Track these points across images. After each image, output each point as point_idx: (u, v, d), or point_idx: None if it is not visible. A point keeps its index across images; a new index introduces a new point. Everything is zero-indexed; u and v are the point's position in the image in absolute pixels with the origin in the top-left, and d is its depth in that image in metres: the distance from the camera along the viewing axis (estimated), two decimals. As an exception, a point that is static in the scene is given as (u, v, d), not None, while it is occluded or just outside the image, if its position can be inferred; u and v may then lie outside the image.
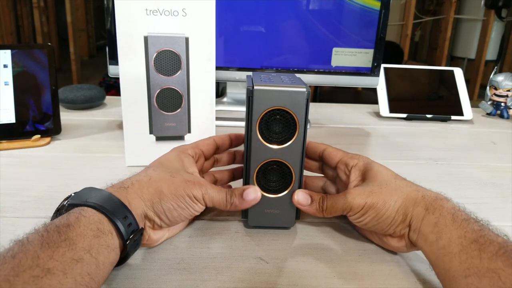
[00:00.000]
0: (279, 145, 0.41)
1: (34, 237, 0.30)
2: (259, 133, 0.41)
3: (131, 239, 0.35)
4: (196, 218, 0.46)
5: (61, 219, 0.32)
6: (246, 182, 0.43)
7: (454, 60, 3.45)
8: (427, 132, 0.84)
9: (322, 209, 0.42)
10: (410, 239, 0.39)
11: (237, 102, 0.93)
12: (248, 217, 0.44)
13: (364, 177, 0.43)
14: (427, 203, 0.38)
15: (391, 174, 0.42)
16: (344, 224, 0.47)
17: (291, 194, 0.43)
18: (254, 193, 0.42)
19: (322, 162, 0.49)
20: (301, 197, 0.43)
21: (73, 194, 0.37)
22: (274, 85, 0.40)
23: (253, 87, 0.40)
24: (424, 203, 0.38)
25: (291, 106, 0.40)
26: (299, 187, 0.43)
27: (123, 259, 0.36)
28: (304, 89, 0.40)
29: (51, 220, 0.35)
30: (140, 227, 0.37)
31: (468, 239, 0.33)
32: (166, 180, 0.39)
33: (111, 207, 0.34)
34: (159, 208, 0.38)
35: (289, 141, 0.41)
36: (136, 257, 0.39)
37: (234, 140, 0.49)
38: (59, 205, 0.37)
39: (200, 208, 0.40)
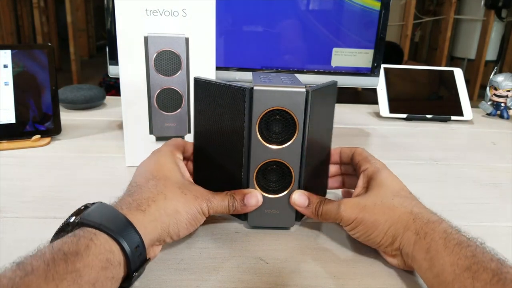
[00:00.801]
0: (278, 145, 0.41)
1: (39, 264, 0.28)
2: (259, 133, 0.41)
3: (138, 270, 0.34)
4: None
5: (70, 244, 0.30)
6: (246, 182, 0.43)
7: (454, 61, 3.45)
8: (427, 132, 0.84)
9: (318, 213, 0.42)
10: (404, 261, 0.38)
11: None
12: (248, 217, 0.44)
13: (368, 186, 0.42)
14: (417, 227, 0.37)
15: (392, 189, 0.41)
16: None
17: (290, 194, 0.43)
18: (255, 199, 0.42)
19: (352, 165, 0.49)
20: (298, 198, 0.43)
21: (83, 208, 0.35)
22: (274, 85, 0.40)
23: (253, 87, 0.40)
24: (415, 227, 0.37)
25: (291, 106, 0.40)
26: (299, 188, 0.43)
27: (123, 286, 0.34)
28: (303, 90, 0.40)
29: (56, 233, 0.34)
30: (148, 258, 0.35)
31: (461, 267, 0.32)
32: (180, 199, 0.38)
33: (126, 234, 0.33)
34: (174, 230, 0.37)
35: (288, 141, 0.41)
36: (136, 257, 0.39)
37: None
38: (67, 219, 0.34)
39: (203, 220, 0.41)
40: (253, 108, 0.40)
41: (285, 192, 0.43)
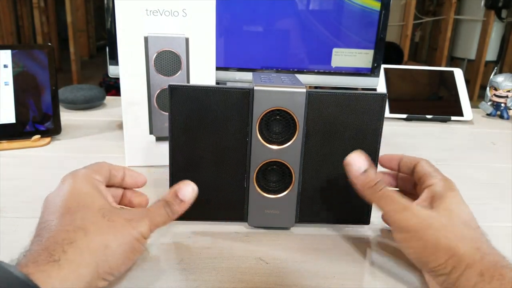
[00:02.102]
0: (279, 145, 0.41)
1: None
2: (259, 134, 0.41)
3: None
4: (196, 218, 0.46)
5: None
6: (246, 183, 0.43)
7: (454, 61, 3.45)
8: (427, 132, 0.84)
9: (374, 190, 0.35)
10: None
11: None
12: (248, 217, 0.44)
13: (433, 204, 0.37)
14: (484, 268, 0.31)
15: (462, 217, 0.35)
16: (343, 225, 0.47)
17: (291, 194, 0.43)
18: (188, 188, 0.36)
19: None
20: (355, 157, 0.36)
21: None
22: (274, 85, 0.40)
23: (253, 87, 0.40)
24: (481, 268, 0.31)
25: (291, 107, 0.40)
26: (299, 188, 0.43)
27: None
28: (304, 90, 0.40)
29: None
30: None
31: None
32: (107, 229, 0.30)
33: None
34: (105, 269, 0.29)
35: (289, 141, 0.41)
36: (136, 257, 0.39)
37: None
38: None
39: (145, 245, 0.34)
40: (253, 108, 0.40)
41: (285, 192, 0.43)
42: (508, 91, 0.93)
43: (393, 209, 0.35)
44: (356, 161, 0.36)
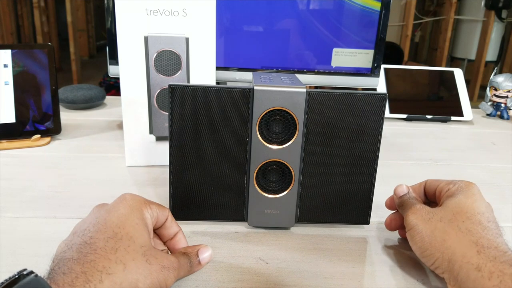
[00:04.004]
0: (279, 145, 0.41)
1: None
2: (259, 133, 0.41)
3: None
4: (196, 218, 0.46)
5: None
6: (246, 183, 0.43)
7: (454, 61, 3.44)
8: (427, 132, 0.84)
9: (400, 199, 0.42)
10: None
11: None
12: (248, 217, 0.44)
13: (443, 203, 0.39)
14: (481, 263, 0.32)
15: (468, 212, 0.36)
16: (343, 225, 0.47)
17: (291, 194, 0.43)
18: (208, 254, 0.38)
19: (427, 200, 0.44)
20: (399, 187, 0.42)
21: (12, 279, 0.26)
22: (274, 85, 0.40)
23: (253, 87, 0.40)
24: (477, 262, 0.32)
25: (291, 107, 0.40)
26: (299, 188, 0.43)
27: None
28: (304, 90, 0.40)
29: None
30: None
31: None
32: (143, 270, 0.31)
33: None
34: None
35: (289, 141, 0.41)
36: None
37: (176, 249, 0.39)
38: None
39: None
40: (253, 108, 0.40)
41: (285, 192, 0.43)
42: (508, 91, 0.93)
43: (406, 211, 0.40)
44: (399, 188, 0.43)
